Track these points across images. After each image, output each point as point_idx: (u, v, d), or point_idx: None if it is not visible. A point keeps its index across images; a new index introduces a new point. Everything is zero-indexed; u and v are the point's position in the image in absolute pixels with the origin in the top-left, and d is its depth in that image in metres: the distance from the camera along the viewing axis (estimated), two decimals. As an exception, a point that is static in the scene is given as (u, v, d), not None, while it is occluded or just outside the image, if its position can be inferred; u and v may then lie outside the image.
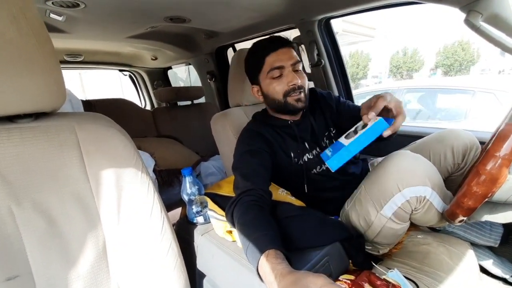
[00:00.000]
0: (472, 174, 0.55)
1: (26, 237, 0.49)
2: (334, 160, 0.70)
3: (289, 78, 0.86)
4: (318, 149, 0.93)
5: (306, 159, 0.90)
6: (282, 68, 0.86)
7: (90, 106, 1.58)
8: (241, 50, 1.14)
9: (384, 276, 0.66)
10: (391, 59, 22.88)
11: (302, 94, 0.88)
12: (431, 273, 0.76)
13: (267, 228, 0.62)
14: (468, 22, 0.64)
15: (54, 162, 0.52)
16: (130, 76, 2.81)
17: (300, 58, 0.93)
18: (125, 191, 0.58)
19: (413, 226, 0.82)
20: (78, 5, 1.03)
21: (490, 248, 0.89)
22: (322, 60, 1.37)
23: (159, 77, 2.68)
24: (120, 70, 2.70)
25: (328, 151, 0.80)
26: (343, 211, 0.86)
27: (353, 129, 0.77)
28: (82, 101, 1.60)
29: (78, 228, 0.53)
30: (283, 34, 1.43)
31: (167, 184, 1.38)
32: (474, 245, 0.87)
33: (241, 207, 0.68)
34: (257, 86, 0.94)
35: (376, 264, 0.77)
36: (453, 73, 19.27)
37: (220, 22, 1.36)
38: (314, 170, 0.91)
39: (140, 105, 2.90)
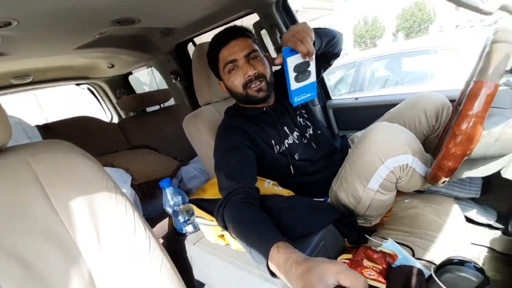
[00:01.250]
0: (449, 136, 0.56)
1: (5, 286, 0.46)
2: (315, 94, 0.80)
3: (244, 70, 0.84)
4: (297, 130, 0.92)
5: (287, 145, 0.89)
6: (235, 62, 0.84)
7: (49, 130, 1.45)
8: (201, 44, 1.08)
9: (379, 248, 0.67)
10: (354, 29, 23.15)
11: (263, 83, 0.86)
12: (422, 234, 0.79)
13: (267, 224, 0.60)
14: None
15: (15, 203, 0.48)
16: (89, 89, 2.63)
17: (262, 44, 0.90)
18: (101, 217, 0.55)
19: (399, 192, 0.84)
20: (9, 23, 0.91)
21: (473, 199, 0.93)
22: (286, 42, 1.33)
23: (121, 85, 2.53)
24: (77, 84, 2.51)
25: (301, 97, 0.78)
26: (331, 191, 0.86)
27: (291, 70, 0.73)
28: (39, 126, 1.48)
29: (58, 266, 0.50)
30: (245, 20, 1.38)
31: (149, 196, 1.32)
32: (457, 199, 0.90)
33: (232, 208, 0.66)
34: (222, 81, 0.93)
35: (370, 236, 0.79)
36: (413, 34, 19.83)
37: (172, 18, 1.28)
38: (297, 154, 0.89)
39: (106, 118, 2.75)
